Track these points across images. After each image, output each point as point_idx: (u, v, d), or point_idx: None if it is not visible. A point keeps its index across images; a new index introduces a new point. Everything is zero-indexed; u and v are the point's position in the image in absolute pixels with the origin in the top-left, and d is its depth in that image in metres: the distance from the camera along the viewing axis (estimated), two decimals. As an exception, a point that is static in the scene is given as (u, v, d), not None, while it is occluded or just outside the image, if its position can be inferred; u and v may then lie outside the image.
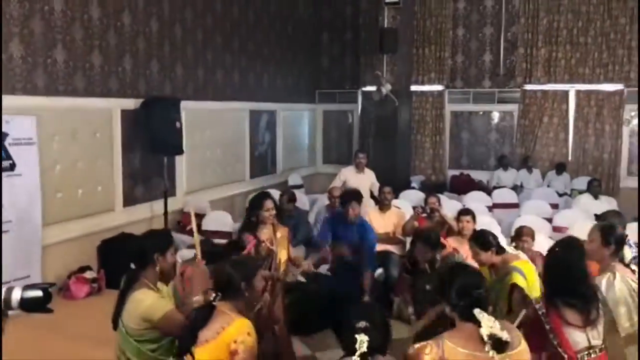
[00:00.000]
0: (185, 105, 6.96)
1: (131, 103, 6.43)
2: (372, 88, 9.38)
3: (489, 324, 2.34)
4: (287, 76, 10.20)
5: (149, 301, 2.72)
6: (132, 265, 2.91)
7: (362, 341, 2.24)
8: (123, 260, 5.95)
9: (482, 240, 3.78)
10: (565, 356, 2.74)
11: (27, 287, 1.85)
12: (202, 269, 3.05)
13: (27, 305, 1.84)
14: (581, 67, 9.76)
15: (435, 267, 4.21)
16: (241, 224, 4.63)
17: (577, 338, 2.76)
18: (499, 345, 2.33)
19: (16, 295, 1.83)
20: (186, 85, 7.47)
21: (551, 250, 3.01)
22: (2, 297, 1.81)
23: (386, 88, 8.72)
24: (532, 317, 2.81)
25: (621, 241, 3.32)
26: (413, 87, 10.43)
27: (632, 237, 6.26)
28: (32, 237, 5.18)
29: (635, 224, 6.82)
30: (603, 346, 2.82)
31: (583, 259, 2.94)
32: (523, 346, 2.43)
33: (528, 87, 10.12)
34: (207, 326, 2.51)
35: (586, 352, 2.77)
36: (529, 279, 3.54)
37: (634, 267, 3.36)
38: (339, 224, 5.29)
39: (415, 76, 10.60)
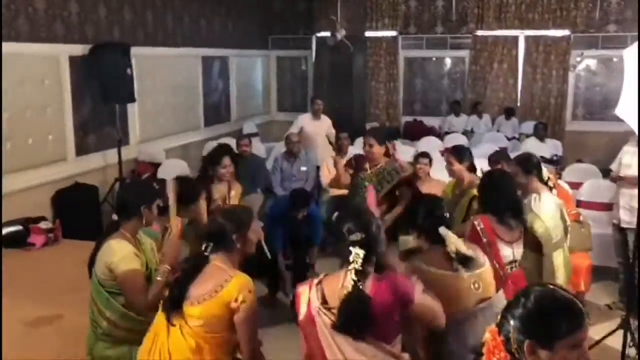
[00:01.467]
0: (136, 52, 6.77)
1: (79, 49, 6.21)
2: (327, 34, 9.31)
3: (453, 240, 2.54)
4: (239, 21, 9.98)
5: (120, 253, 2.67)
6: (115, 217, 2.84)
7: (358, 254, 2.12)
8: (78, 210, 5.94)
9: (460, 152, 4.15)
10: (497, 266, 3.04)
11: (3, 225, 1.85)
12: (175, 242, 2.92)
13: (9, 241, 1.85)
14: (531, 12, 9.91)
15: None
16: (195, 177, 4.59)
17: (505, 252, 3.12)
18: (465, 261, 2.50)
19: None
20: (135, 30, 7.24)
21: (487, 174, 3.47)
22: None
23: (340, 33, 8.67)
24: (471, 232, 3.11)
25: (538, 166, 3.75)
26: (367, 33, 10.40)
27: (571, 178, 6.63)
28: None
29: (577, 165, 7.19)
30: (519, 262, 3.23)
31: (512, 182, 3.38)
32: (487, 265, 2.63)
33: (479, 33, 10.24)
34: (202, 281, 2.37)
35: (510, 266, 3.16)
36: None
37: (551, 184, 3.80)
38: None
39: (369, 22, 10.56)
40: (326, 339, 2.14)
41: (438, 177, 5.28)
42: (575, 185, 6.15)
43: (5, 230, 1.87)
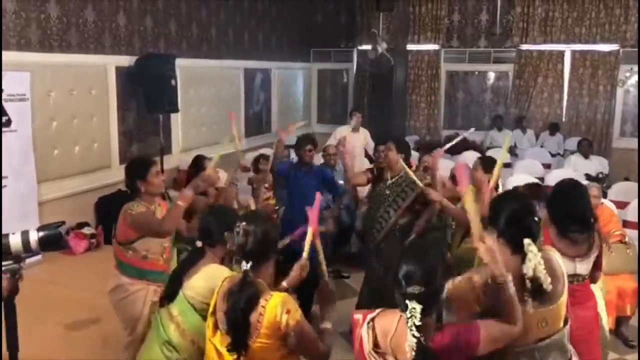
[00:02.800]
0: (180, 63, 6.93)
1: (126, 60, 6.39)
2: (368, 47, 9.31)
3: (535, 260, 2.14)
4: (282, 34, 10.10)
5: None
6: (199, 243, 2.96)
7: (415, 309, 1.84)
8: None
9: (489, 162, 3.92)
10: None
11: (41, 228, 1.90)
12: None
13: (46, 244, 1.90)
14: (577, 26, 9.70)
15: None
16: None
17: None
18: (539, 292, 2.15)
19: (33, 236, 1.88)
20: (180, 42, 7.41)
21: (558, 184, 3.11)
22: (20, 241, 1.88)
23: (382, 47, 8.66)
24: None
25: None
26: (409, 46, 10.36)
27: (617, 197, 6.41)
28: (28, 193, 5.22)
29: (625, 184, 6.94)
30: (587, 276, 2.95)
31: (584, 193, 3.04)
32: (563, 298, 2.26)
33: (524, 47, 10.08)
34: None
35: (570, 279, 2.63)
36: None
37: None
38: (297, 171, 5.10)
39: (411, 35, 10.52)
40: None
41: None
42: (622, 205, 5.93)
43: (40, 234, 1.91)
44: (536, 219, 2.33)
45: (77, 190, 5.82)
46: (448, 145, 4.68)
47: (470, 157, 8.39)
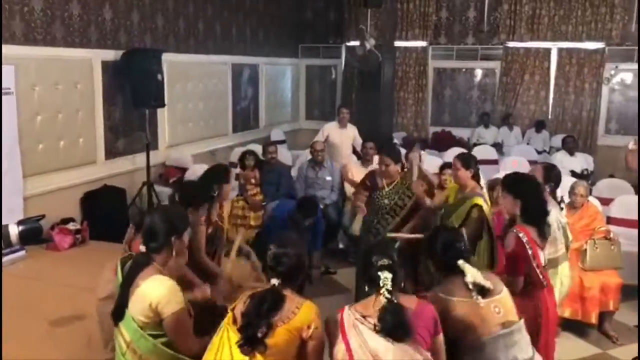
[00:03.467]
0: (167, 58, 6.88)
1: (112, 54, 6.34)
2: (356, 43, 9.31)
3: (472, 272, 2.62)
4: (270, 30, 10.06)
5: (164, 291, 2.40)
6: (142, 248, 2.50)
7: (387, 278, 2.29)
8: (106, 212, 6.05)
9: (468, 159, 4.13)
10: (540, 275, 3.10)
11: (21, 222, 1.88)
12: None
13: (27, 237, 1.87)
14: (564, 24, 9.76)
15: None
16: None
17: (542, 258, 3.17)
18: (482, 291, 2.59)
19: (14, 230, 1.85)
20: (167, 37, 7.36)
21: (527, 182, 3.36)
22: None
23: (370, 43, 8.65)
24: (515, 245, 3.08)
25: (558, 180, 3.92)
26: (397, 43, 10.36)
27: (602, 193, 6.48)
28: (13, 187, 5.15)
29: (608, 181, 7.02)
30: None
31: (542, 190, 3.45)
32: (505, 292, 2.69)
33: (511, 44, 10.12)
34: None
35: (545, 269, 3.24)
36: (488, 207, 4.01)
37: (563, 205, 3.97)
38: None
39: (399, 31, 10.52)
40: (360, 348, 2.26)
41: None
42: (606, 202, 6.00)
43: (21, 227, 1.89)
44: (463, 244, 2.83)
45: (62, 186, 5.76)
46: None
47: (456, 153, 8.43)
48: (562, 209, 3.90)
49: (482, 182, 4.21)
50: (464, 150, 8.71)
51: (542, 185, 3.55)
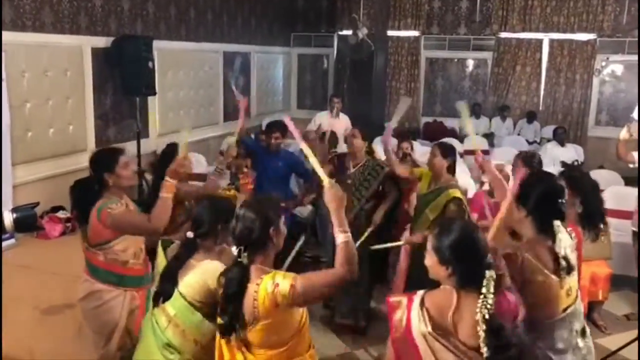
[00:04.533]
0: (158, 45, 6.81)
1: (102, 41, 6.27)
2: (349, 32, 9.28)
3: (565, 240, 2.40)
4: (262, 18, 9.99)
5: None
6: (190, 234, 2.56)
7: (492, 277, 1.94)
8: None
9: (448, 149, 4.00)
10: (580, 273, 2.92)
11: (14, 209, 1.86)
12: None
13: (21, 225, 1.86)
14: (556, 15, 9.78)
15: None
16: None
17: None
18: (568, 268, 2.40)
19: (8, 217, 1.84)
20: (158, 24, 7.29)
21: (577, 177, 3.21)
22: None
23: (362, 32, 8.64)
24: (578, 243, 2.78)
25: (540, 167, 3.90)
26: (389, 32, 10.35)
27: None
28: (2, 175, 5.11)
29: (598, 172, 7.06)
30: None
31: None
32: (575, 272, 2.53)
33: (503, 35, 10.13)
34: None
35: None
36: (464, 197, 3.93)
37: None
38: (264, 155, 5.15)
39: (392, 21, 10.50)
40: None
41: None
42: (596, 192, 6.03)
43: (15, 215, 1.88)
44: (563, 201, 2.50)
45: (52, 174, 5.71)
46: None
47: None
48: None
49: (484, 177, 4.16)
50: (455, 141, 8.75)
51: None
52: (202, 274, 2.40)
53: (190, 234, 2.54)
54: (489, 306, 1.89)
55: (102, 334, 2.95)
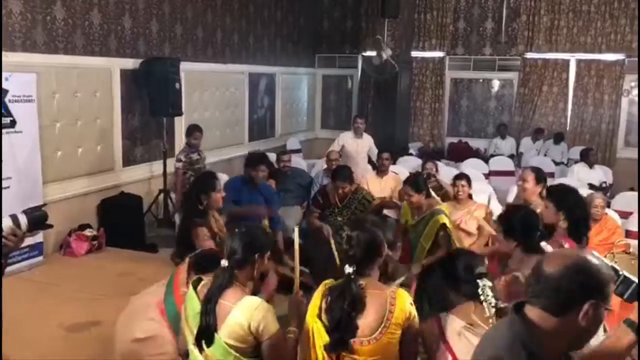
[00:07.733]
0: (185, 66, 6.94)
1: (130, 63, 6.41)
2: (373, 53, 9.33)
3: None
4: (287, 39, 10.12)
5: (262, 310, 2.27)
6: (225, 263, 2.35)
7: (486, 286, 2.16)
8: (122, 219, 6.08)
9: (416, 183, 4.20)
10: None
11: (26, 211, 1.96)
12: (299, 301, 2.47)
13: (35, 224, 1.96)
14: (583, 35, 9.70)
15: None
16: (184, 209, 3.98)
17: None
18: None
19: (23, 219, 1.93)
20: (185, 46, 7.43)
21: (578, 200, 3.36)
22: (10, 225, 1.90)
23: (386, 53, 8.67)
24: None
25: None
26: (414, 53, 10.37)
27: (621, 207, 6.38)
28: (32, 194, 5.20)
29: (630, 194, 6.91)
30: None
31: None
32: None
33: (529, 55, 10.07)
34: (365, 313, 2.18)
35: None
36: (449, 218, 4.13)
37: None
38: (243, 187, 4.89)
39: (416, 42, 10.53)
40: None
41: (480, 201, 5.18)
42: (625, 215, 5.91)
43: (29, 216, 1.99)
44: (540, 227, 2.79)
45: (80, 192, 5.82)
46: None
47: (473, 164, 8.38)
48: None
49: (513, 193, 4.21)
50: (480, 162, 8.68)
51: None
52: (241, 318, 2.21)
53: (224, 263, 2.34)
54: (491, 300, 2.12)
55: None
